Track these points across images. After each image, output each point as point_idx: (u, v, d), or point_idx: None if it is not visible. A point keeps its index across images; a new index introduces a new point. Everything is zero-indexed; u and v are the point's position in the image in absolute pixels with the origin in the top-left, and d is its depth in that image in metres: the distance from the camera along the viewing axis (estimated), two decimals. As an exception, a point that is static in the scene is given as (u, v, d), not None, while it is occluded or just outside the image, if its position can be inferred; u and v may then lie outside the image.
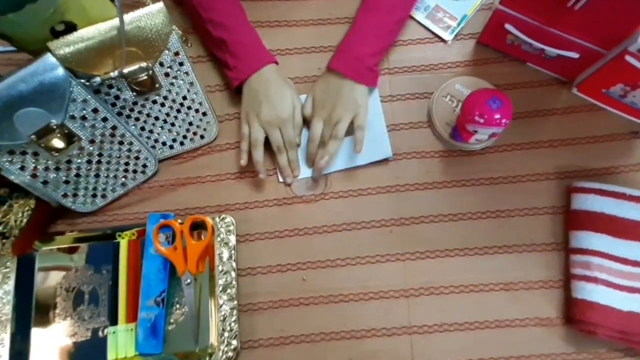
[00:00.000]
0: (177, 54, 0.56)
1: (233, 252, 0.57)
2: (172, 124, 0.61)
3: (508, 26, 0.58)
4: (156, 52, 0.54)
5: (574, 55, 0.56)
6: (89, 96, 0.52)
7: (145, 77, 0.55)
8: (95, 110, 0.53)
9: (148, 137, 0.61)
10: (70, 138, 0.52)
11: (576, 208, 0.57)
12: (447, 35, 0.66)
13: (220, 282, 0.56)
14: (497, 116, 0.51)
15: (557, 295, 0.56)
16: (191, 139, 0.63)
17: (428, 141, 0.62)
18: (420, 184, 0.60)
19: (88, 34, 0.49)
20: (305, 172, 0.62)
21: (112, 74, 0.52)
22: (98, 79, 0.52)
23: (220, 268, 0.57)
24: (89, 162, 0.57)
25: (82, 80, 0.51)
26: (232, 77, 0.61)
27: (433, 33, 0.66)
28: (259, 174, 0.59)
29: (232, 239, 0.58)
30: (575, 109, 0.62)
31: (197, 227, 0.58)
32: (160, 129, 0.61)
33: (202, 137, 0.63)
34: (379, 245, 0.59)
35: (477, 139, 0.58)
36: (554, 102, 0.63)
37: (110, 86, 0.54)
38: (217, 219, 0.58)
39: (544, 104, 0.63)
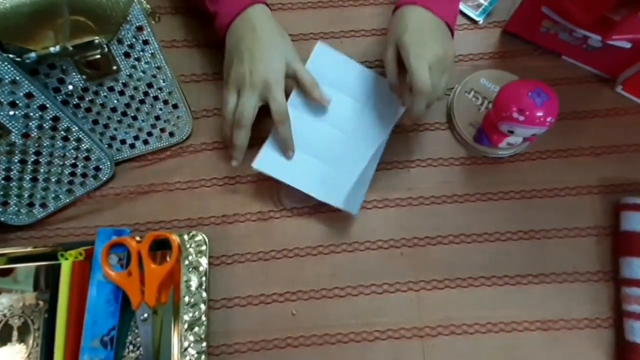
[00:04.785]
0: (140, 29, 0.44)
1: (204, 279, 0.46)
2: (134, 118, 0.50)
3: (545, 9, 0.48)
4: (112, 24, 0.43)
5: (626, 45, 0.47)
6: (21, 76, 0.40)
7: (99, 57, 0.43)
8: (29, 96, 0.42)
9: (102, 133, 0.49)
10: (-6, 130, 0.41)
11: (627, 229, 0.47)
12: (478, 16, 0.56)
13: (187, 317, 0.44)
14: (541, 113, 0.41)
15: (607, 337, 0.47)
16: (158, 137, 0.51)
17: (447, 145, 0.53)
18: (437, 196, 0.51)
19: (18, -5, 0.38)
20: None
21: (52, 49, 0.41)
22: (34, 55, 0.40)
23: (187, 299, 0.45)
24: (23, 162, 0.45)
25: (11, 56, 0.39)
26: (216, 28, 0.49)
27: (460, 13, 0.57)
28: (233, 161, 0.48)
29: (204, 262, 0.46)
30: (620, 110, 0.53)
31: (160, 246, 0.47)
32: (118, 123, 0.49)
33: (171, 134, 0.52)
34: (387, 271, 0.48)
35: (509, 143, 0.48)
36: (595, 102, 0.54)
37: (52, 66, 0.43)
38: (186, 237, 0.47)
39: (584, 105, 0.53)
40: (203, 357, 0.43)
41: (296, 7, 0.57)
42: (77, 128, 0.46)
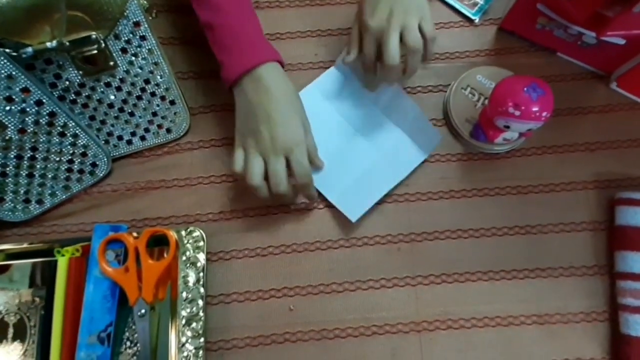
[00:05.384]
0: (137, 24, 0.44)
1: (202, 274, 0.45)
2: (131, 114, 0.49)
3: (541, 6, 0.49)
4: (109, 20, 0.43)
5: (620, 41, 0.47)
6: (17, 71, 0.40)
7: (96, 52, 0.43)
8: (25, 90, 0.41)
9: (99, 129, 0.49)
10: (-10, 125, 0.41)
11: (622, 224, 0.48)
12: (474, 15, 0.56)
13: (184, 313, 0.44)
14: (537, 108, 0.41)
15: (603, 331, 0.47)
16: (155, 133, 0.51)
17: (443, 142, 0.53)
18: (434, 192, 0.51)
19: (15, -11, 0.38)
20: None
21: (48, 44, 0.40)
22: (30, 50, 0.40)
23: (184, 295, 0.45)
24: (19, 157, 0.45)
25: (7, 50, 0.39)
26: (223, 78, 0.46)
27: (456, 11, 0.57)
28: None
29: (202, 257, 0.46)
30: (615, 107, 0.54)
31: (157, 242, 0.47)
32: (115, 119, 0.49)
33: (168, 130, 0.52)
34: (384, 266, 0.48)
35: (505, 139, 0.48)
36: (590, 99, 0.54)
37: (48, 61, 0.43)
38: (183, 233, 0.47)
39: (579, 101, 0.54)
40: (201, 352, 0.43)
41: (294, 4, 0.57)
42: (73, 124, 0.46)
